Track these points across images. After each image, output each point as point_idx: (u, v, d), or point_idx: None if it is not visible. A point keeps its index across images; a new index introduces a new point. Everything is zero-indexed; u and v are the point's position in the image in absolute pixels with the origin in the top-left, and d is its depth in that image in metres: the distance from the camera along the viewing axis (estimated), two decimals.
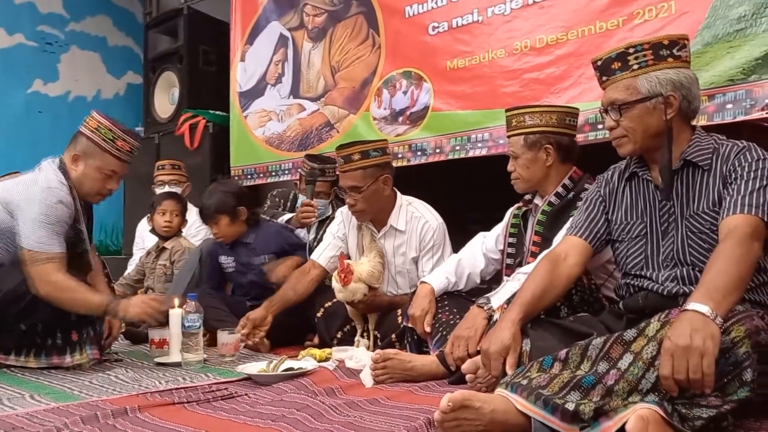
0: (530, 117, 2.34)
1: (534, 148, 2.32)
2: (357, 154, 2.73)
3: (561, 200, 2.31)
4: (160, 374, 2.39)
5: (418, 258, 2.79)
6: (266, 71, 4.48)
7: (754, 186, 1.66)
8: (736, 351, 1.41)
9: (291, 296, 2.82)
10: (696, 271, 1.73)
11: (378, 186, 2.73)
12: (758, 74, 2.41)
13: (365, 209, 2.77)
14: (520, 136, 2.34)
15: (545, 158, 2.31)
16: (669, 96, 1.76)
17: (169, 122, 4.99)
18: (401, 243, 2.80)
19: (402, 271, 2.82)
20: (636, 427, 1.32)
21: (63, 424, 1.65)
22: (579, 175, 2.35)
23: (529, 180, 2.35)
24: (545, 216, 2.31)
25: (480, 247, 2.51)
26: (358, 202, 2.74)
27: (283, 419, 1.69)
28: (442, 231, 2.80)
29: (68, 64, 5.83)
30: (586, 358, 1.54)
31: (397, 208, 2.82)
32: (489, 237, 2.53)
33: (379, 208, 2.80)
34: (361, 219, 2.83)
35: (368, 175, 2.71)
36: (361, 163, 2.72)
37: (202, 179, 4.64)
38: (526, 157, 2.33)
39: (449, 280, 2.40)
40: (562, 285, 1.91)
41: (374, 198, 2.74)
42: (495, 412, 1.50)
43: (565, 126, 2.35)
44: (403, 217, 2.80)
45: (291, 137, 4.28)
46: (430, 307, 2.31)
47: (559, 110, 2.37)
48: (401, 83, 3.65)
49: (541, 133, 2.32)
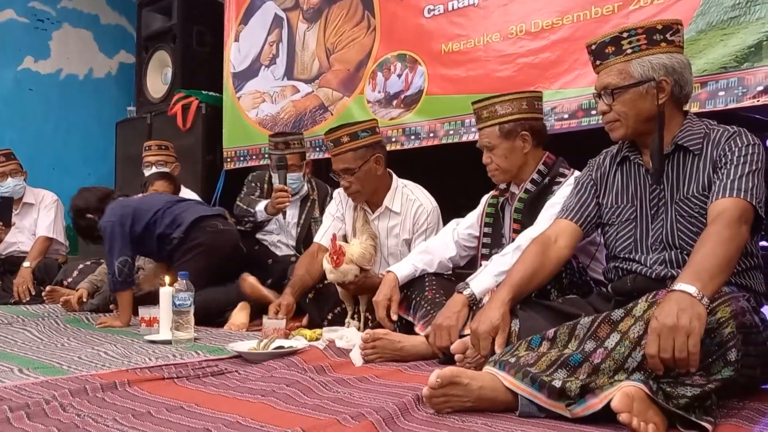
0: (501, 106, 2.33)
1: (511, 137, 2.31)
2: (346, 136, 2.75)
3: (537, 186, 2.32)
4: (150, 351, 2.40)
5: (410, 240, 2.81)
6: (260, 52, 4.46)
7: (743, 171, 1.67)
8: (721, 331, 1.43)
9: (308, 280, 2.85)
10: (684, 255, 1.74)
11: (370, 166, 2.76)
12: (751, 62, 2.43)
13: (360, 190, 2.79)
14: (495, 127, 2.33)
15: (522, 146, 2.32)
16: (661, 81, 1.77)
17: (162, 102, 4.95)
18: (395, 224, 2.83)
19: (395, 252, 2.84)
20: (621, 403, 1.34)
21: (51, 397, 1.65)
22: (552, 159, 2.36)
23: (509, 170, 2.35)
24: (522, 204, 2.32)
25: (451, 234, 2.53)
26: (353, 183, 2.76)
27: (273, 394, 1.70)
28: (436, 214, 2.83)
29: (60, 42, 5.78)
30: (573, 337, 1.55)
31: (393, 190, 2.84)
32: (462, 224, 2.55)
33: (374, 188, 2.82)
34: (357, 200, 2.85)
35: (359, 156, 2.74)
36: (351, 144, 2.74)
37: (194, 160, 4.63)
38: (503, 147, 2.32)
39: (416, 268, 2.42)
40: (551, 267, 1.93)
41: (368, 178, 2.77)
42: (483, 389, 1.52)
43: (535, 110, 2.36)
44: (399, 198, 2.83)
45: (285, 119, 4.26)
46: (392, 294, 2.36)
47: (527, 96, 2.37)
48: (396, 66, 3.65)
49: (515, 120, 2.32)
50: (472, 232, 2.51)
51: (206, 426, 1.43)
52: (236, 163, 4.56)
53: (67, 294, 3.54)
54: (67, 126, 5.77)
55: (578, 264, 2.13)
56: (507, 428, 1.41)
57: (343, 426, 1.41)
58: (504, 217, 2.42)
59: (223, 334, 2.82)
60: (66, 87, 5.80)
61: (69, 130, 5.77)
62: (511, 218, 2.36)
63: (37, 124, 5.62)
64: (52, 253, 4.39)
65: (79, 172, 5.72)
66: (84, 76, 5.92)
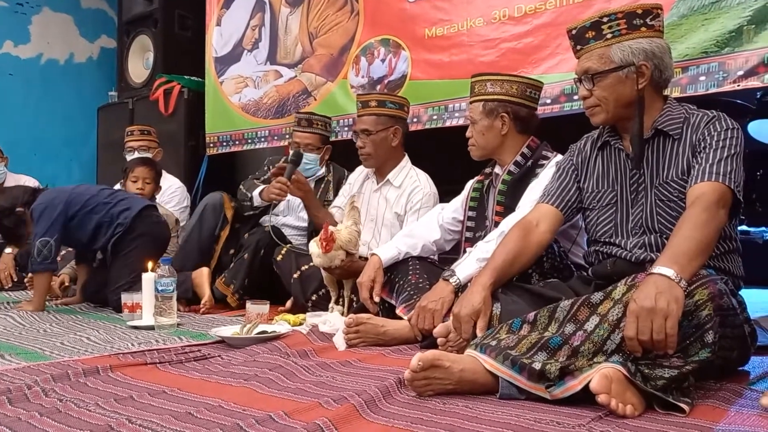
0: (492, 84, 2.36)
1: (491, 116, 2.35)
2: (374, 101, 2.96)
3: (520, 169, 2.35)
4: (132, 336, 2.39)
5: (403, 217, 2.87)
6: (243, 36, 4.42)
7: (722, 155, 1.68)
8: (698, 314, 1.45)
9: None
10: (664, 239, 1.76)
11: (387, 135, 2.92)
12: (731, 47, 2.45)
13: (371, 153, 2.93)
14: (480, 103, 2.37)
15: (500, 127, 2.35)
16: (641, 65, 1.78)
17: (144, 87, 4.90)
18: (393, 198, 2.92)
19: (387, 224, 2.93)
20: (599, 385, 1.36)
21: (33, 382, 1.64)
22: (536, 143, 2.39)
23: (484, 147, 2.39)
24: (506, 185, 2.34)
25: (437, 218, 2.56)
26: (367, 145, 2.92)
27: (256, 378, 1.71)
28: (433, 198, 2.88)
29: (40, 26, 5.69)
30: (554, 320, 1.57)
31: (400, 167, 2.97)
32: (447, 209, 2.58)
33: (385, 158, 2.96)
34: (368, 164, 3.01)
35: (380, 123, 2.92)
36: (376, 110, 2.93)
37: (176, 145, 4.59)
38: (483, 123, 2.36)
39: (399, 251, 2.44)
40: (533, 251, 1.94)
41: (382, 145, 2.92)
42: (464, 372, 1.54)
43: (525, 97, 2.37)
44: (402, 175, 2.95)
45: (267, 104, 4.24)
46: (376, 276, 2.39)
47: (521, 81, 2.39)
48: (379, 51, 3.63)
49: (499, 101, 2.35)
50: (457, 216, 2.54)
51: (188, 410, 1.44)
52: (219, 148, 4.53)
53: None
54: (48, 111, 5.70)
55: (559, 248, 2.14)
56: (488, 410, 1.43)
57: (326, 409, 1.42)
58: (488, 200, 2.44)
59: (206, 320, 2.82)
60: (47, 72, 5.72)
61: (50, 116, 5.70)
62: (494, 200, 2.38)
63: (18, 109, 5.54)
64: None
65: (60, 158, 5.67)
66: (65, 60, 5.85)
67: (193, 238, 3.39)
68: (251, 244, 3.21)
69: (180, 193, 4.06)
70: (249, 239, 3.27)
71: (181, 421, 1.36)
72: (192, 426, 1.33)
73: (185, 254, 3.37)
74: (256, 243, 3.19)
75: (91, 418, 1.39)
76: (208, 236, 3.38)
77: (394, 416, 1.39)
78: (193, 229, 3.41)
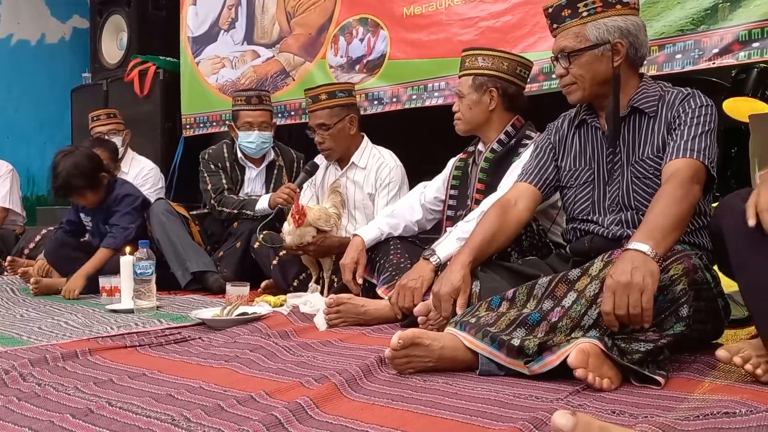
0: (483, 59, 2.36)
1: (480, 91, 2.34)
2: (324, 94, 2.91)
3: (503, 147, 2.34)
4: (112, 320, 2.38)
5: (374, 195, 2.87)
6: (219, 16, 4.36)
7: (696, 131, 1.70)
8: (673, 288, 1.48)
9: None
10: (640, 215, 1.77)
11: (344, 125, 2.89)
12: (707, 25, 2.46)
13: (333, 147, 2.90)
14: (469, 77, 2.37)
15: (488, 102, 2.34)
16: (616, 43, 1.78)
17: (118, 68, 4.82)
18: (360, 179, 2.91)
19: (360, 207, 2.92)
20: (577, 359, 1.38)
21: (11, 367, 1.63)
22: (521, 122, 2.39)
23: (470, 122, 2.38)
24: (488, 163, 2.34)
25: (419, 197, 2.57)
26: (326, 140, 2.88)
27: (237, 359, 1.71)
28: (400, 172, 2.88)
29: (9, 6, 5.57)
30: (532, 296, 1.59)
31: (362, 149, 2.95)
32: (429, 188, 2.58)
33: (346, 147, 2.93)
34: (330, 157, 2.97)
35: (335, 114, 2.88)
36: (328, 102, 2.89)
37: (152, 127, 4.54)
38: (471, 97, 2.35)
39: (381, 231, 2.46)
40: (511, 229, 1.95)
41: (340, 136, 2.89)
42: (444, 349, 1.55)
43: (515, 75, 2.36)
44: (366, 156, 2.94)
45: (245, 85, 4.19)
46: (359, 257, 2.40)
47: (512, 58, 2.38)
48: (358, 30, 3.60)
49: (489, 76, 2.34)
50: (439, 196, 2.54)
51: (169, 392, 1.44)
52: (195, 129, 4.48)
53: (26, 265, 3.48)
54: (19, 93, 5.60)
55: (538, 226, 2.16)
56: (467, 386, 1.44)
57: (307, 388, 1.43)
58: (470, 179, 2.44)
59: (185, 301, 2.81)
60: (17, 53, 5.61)
61: (22, 98, 5.60)
62: (476, 178, 2.38)
63: None
64: (9, 224, 4.30)
65: (33, 141, 5.58)
66: (36, 41, 5.74)
67: (186, 243, 3.22)
68: (243, 233, 3.19)
69: (154, 175, 4.00)
70: (240, 227, 3.25)
71: (161, 403, 1.36)
72: (173, 407, 1.32)
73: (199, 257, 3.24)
74: (249, 231, 3.15)
75: (70, 402, 1.38)
76: (187, 234, 3.28)
77: (375, 394, 1.40)
78: (171, 243, 3.19)
